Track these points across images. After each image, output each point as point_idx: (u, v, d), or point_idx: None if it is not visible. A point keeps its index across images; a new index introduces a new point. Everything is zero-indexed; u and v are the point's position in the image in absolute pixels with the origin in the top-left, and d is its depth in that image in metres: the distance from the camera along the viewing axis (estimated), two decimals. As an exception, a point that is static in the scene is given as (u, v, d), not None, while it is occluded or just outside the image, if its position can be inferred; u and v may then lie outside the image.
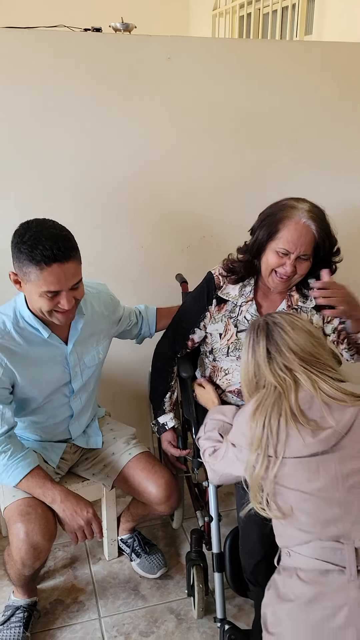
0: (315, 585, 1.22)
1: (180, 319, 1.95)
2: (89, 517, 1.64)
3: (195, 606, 1.88)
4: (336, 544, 1.23)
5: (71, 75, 2.02)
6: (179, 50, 2.09)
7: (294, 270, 1.72)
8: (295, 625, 1.22)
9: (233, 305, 1.85)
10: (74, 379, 1.77)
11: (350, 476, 1.26)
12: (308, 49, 2.32)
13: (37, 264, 1.47)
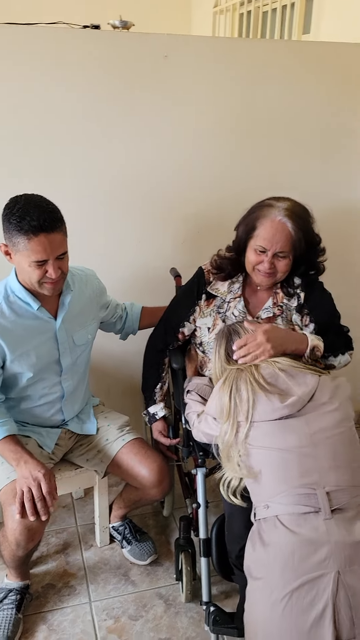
0: (296, 528, 1.35)
1: (171, 312, 2.00)
2: (38, 475, 1.61)
3: (183, 590, 1.94)
4: (309, 490, 1.38)
5: (70, 72, 2.06)
6: (176, 49, 2.13)
7: (272, 267, 1.75)
8: (282, 564, 1.32)
9: (221, 301, 1.90)
10: (63, 355, 1.83)
11: (316, 434, 1.44)
12: (305, 48, 2.36)
13: (25, 233, 1.56)
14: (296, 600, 1.26)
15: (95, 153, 2.20)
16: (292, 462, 1.41)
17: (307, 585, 1.27)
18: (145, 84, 2.15)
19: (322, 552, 1.30)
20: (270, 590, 1.31)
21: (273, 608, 1.28)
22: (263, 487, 1.44)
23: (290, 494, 1.38)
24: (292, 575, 1.29)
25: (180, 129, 2.27)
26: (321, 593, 1.26)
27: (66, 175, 2.19)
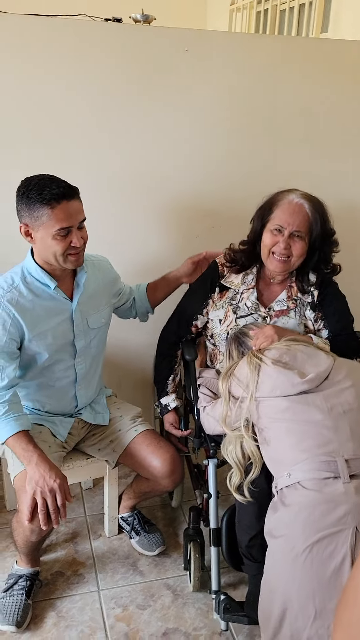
0: (317, 489, 1.44)
1: (185, 305, 2.02)
2: (54, 485, 1.60)
3: (191, 579, 1.95)
4: (329, 457, 1.47)
5: (91, 64, 2.08)
6: (196, 43, 2.14)
7: (288, 248, 1.77)
8: (303, 520, 1.40)
9: (234, 293, 1.91)
10: (77, 337, 1.85)
11: (334, 408, 1.54)
12: (323, 46, 2.37)
13: (48, 203, 1.60)
14: (316, 553, 1.33)
15: (114, 146, 2.21)
16: (312, 433, 1.51)
17: (327, 539, 1.34)
18: (166, 77, 2.17)
19: (340, 510, 1.37)
20: (292, 545, 1.37)
21: (294, 561, 1.35)
22: (284, 458, 1.53)
23: (312, 461, 1.47)
24: (313, 530, 1.36)
25: (199, 122, 2.28)
26: (340, 546, 1.32)
27: (83, 168, 2.20)
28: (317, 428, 1.52)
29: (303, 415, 1.54)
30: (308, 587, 1.32)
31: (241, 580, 2.02)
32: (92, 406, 2.02)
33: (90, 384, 1.98)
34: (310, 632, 1.29)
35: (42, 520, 1.60)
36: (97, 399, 2.05)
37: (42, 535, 1.74)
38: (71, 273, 1.83)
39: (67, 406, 1.95)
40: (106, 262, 2.01)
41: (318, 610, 1.30)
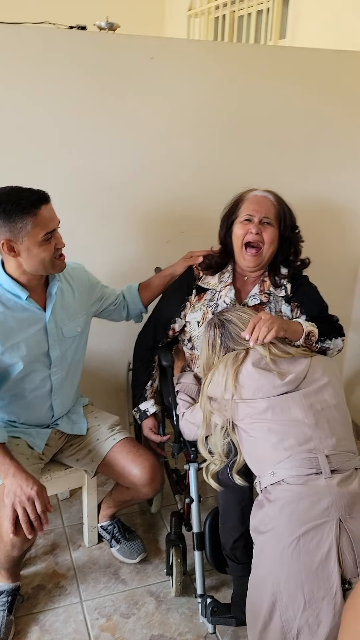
0: (301, 484, 1.48)
1: (162, 309, 2.02)
2: (31, 493, 1.59)
3: (174, 584, 1.96)
4: (310, 454, 1.52)
5: (55, 71, 2.06)
6: (161, 51, 2.15)
7: (259, 233, 1.83)
8: (288, 514, 1.44)
9: (213, 294, 1.93)
10: (52, 347, 1.83)
11: (313, 405, 1.59)
12: (284, 53, 2.42)
13: (29, 212, 1.61)
14: (303, 544, 1.38)
15: (81, 153, 2.20)
16: (293, 431, 1.55)
17: (313, 531, 1.39)
18: (131, 84, 2.17)
19: (324, 503, 1.42)
20: (279, 538, 1.42)
21: (283, 553, 1.38)
22: (267, 457, 1.57)
23: (294, 459, 1.52)
24: (299, 522, 1.41)
25: (165, 129, 2.29)
26: (325, 537, 1.38)
27: (49, 175, 2.18)
28: (298, 426, 1.56)
29: (284, 415, 1.58)
30: (297, 578, 1.35)
31: (223, 582, 2.04)
32: (69, 416, 2.00)
33: (66, 394, 1.96)
34: (300, 621, 1.33)
35: (25, 530, 1.58)
36: (73, 408, 2.04)
37: (24, 548, 1.71)
38: (43, 283, 1.81)
39: (43, 417, 1.93)
40: (81, 269, 1.99)
41: (307, 600, 1.33)
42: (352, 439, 1.64)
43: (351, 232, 2.77)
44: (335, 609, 1.32)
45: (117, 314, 2.12)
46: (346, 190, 2.66)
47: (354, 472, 1.54)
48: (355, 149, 2.59)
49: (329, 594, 1.33)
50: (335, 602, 1.32)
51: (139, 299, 2.12)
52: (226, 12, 4.05)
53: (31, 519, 1.59)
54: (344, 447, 1.57)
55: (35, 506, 1.59)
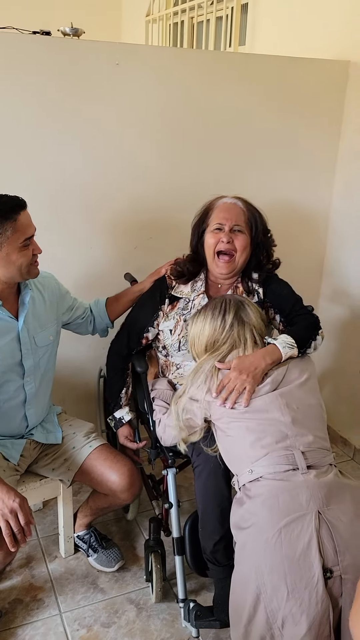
0: (280, 480, 1.52)
1: (135, 318, 2.02)
2: (14, 505, 1.56)
3: (154, 590, 1.95)
4: (287, 451, 1.55)
5: (20, 76, 2.04)
6: (127, 57, 2.16)
7: (231, 241, 1.84)
8: (269, 508, 1.47)
9: (186, 302, 1.94)
10: (25, 357, 1.81)
11: (290, 405, 1.62)
12: (246, 60, 2.47)
13: (9, 217, 1.62)
14: (285, 535, 1.40)
15: (47, 158, 2.18)
16: (271, 430, 1.58)
17: (293, 523, 1.42)
18: (96, 90, 2.17)
19: (302, 496, 1.46)
20: (261, 531, 1.44)
21: (265, 546, 1.41)
22: (245, 455, 1.59)
23: (272, 456, 1.55)
24: (280, 515, 1.43)
25: (131, 134, 2.29)
26: (306, 528, 1.40)
27: (16, 181, 2.15)
28: (275, 425, 1.59)
29: (261, 414, 1.61)
30: (279, 569, 1.38)
31: (202, 586, 2.05)
32: (44, 425, 1.98)
33: (40, 403, 1.94)
34: (285, 611, 1.35)
35: (9, 544, 1.55)
36: (48, 417, 2.01)
37: (6, 562, 1.69)
38: (15, 292, 1.79)
39: (18, 427, 1.90)
40: (52, 278, 1.98)
41: (290, 590, 1.35)
42: (326, 437, 1.68)
43: (315, 233, 2.83)
44: (317, 597, 1.35)
45: (83, 328, 2.12)
46: (307, 192, 2.72)
47: (329, 468, 1.58)
48: (314, 152, 2.66)
49: (310, 583, 1.36)
50: (317, 590, 1.35)
51: (106, 314, 2.12)
52: (185, 18, 4.09)
53: (14, 531, 1.56)
54: (319, 444, 1.60)
55: (18, 518, 1.56)
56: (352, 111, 2.58)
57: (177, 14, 4.14)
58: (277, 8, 3.06)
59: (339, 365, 2.86)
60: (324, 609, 1.35)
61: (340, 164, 2.70)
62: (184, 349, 1.94)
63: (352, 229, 2.68)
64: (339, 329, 2.81)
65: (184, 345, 1.94)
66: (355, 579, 1.38)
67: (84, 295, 2.40)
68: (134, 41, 4.79)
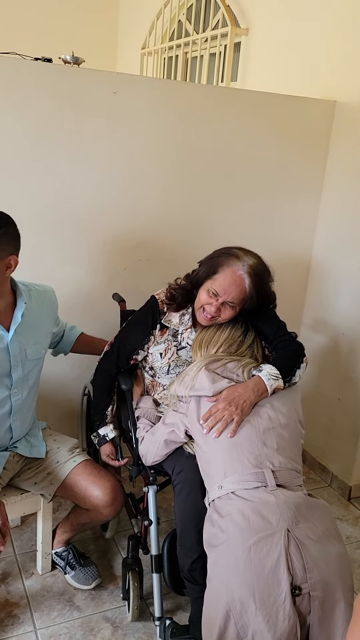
0: (248, 497, 1.56)
1: (125, 339, 2.03)
2: None
3: (131, 609, 1.96)
4: (257, 469, 1.60)
5: (20, 100, 2.11)
6: (124, 86, 2.25)
7: (218, 312, 1.86)
8: (239, 526, 1.50)
9: (174, 332, 1.98)
10: (14, 368, 1.84)
11: (262, 424, 1.69)
12: (238, 95, 2.58)
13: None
14: (254, 553, 1.44)
15: (40, 180, 2.25)
16: (244, 448, 1.64)
17: (263, 541, 1.45)
18: (94, 117, 2.25)
19: (272, 515, 1.50)
20: (231, 549, 1.48)
21: (236, 563, 1.44)
22: (216, 471, 1.64)
23: (242, 473, 1.60)
24: (249, 534, 1.47)
25: (124, 161, 2.37)
26: (275, 545, 1.44)
27: (9, 202, 2.20)
28: (248, 443, 1.64)
29: (238, 434, 1.67)
30: (249, 585, 1.41)
31: (178, 606, 2.06)
32: (28, 439, 2.00)
33: (25, 416, 1.96)
34: (254, 626, 1.38)
35: None
36: (32, 431, 2.03)
37: None
38: (11, 304, 1.83)
39: (2, 438, 1.91)
40: (52, 292, 2.01)
41: (258, 606, 1.39)
42: (299, 460, 1.71)
43: (298, 266, 2.92)
44: (285, 613, 1.38)
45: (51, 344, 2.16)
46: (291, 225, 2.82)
47: (298, 488, 1.63)
48: (300, 186, 2.76)
49: (278, 600, 1.39)
50: (284, 607, 1.38)
51: (72, 344, 2.19)
52: (179, 53, 4.24)
53: None
54: (290, 465, 1.65)
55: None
56: (337, 149, 2.70)
57: (172, 48, 4.29)
58: (269, 48, 3.21)
59: (318, 392, 2.92)
60: (292, 626, 1.38)
61: (324, 198, 2.81)
62: (173, 373, 1.99)
63: (332, 263, 2.78)
64: (318, 356, 2.88)
65: (173, 370, 1.98)
66: (323, 596, 1.42)
67: (72, 313, 2.45)
68: (129, 72, 4.94)
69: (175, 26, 4.35)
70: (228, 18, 3.45)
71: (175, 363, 1.98)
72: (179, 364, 1.98)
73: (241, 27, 3.42)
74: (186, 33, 4.13)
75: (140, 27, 4.76)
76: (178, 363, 1.98)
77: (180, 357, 1.97)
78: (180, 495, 1.78)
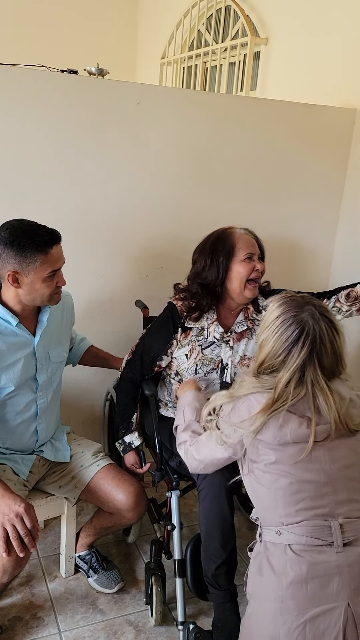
0: (309, 559, 1.38)
1: (148, 346, 2.04)
2: (19, 510, 1.60)
3: (153, 613, 1.97)
4: (324, 521, 1.40)
5: (48, 112, 2.16)
6: (148, 96, 2.29)
7: (263, 267, 1.99)
8: (295, 593, 1.35)
9: (199, 330, 2.00)
10: (40, 372, 1.89)
11: (335, 464, 1.44)
12: (259, 104, 2.61)
13: (42, 249, 1.70)
14: (309, 629, 1.32)
15: (66, 189, 2.29)
16: (308, 488, 1.42)
17: (321, 617, 1.33)
18: (118, 127, 2.29)
19: (333, 585, 1.36)
20: (284, 617, 1.35)
21: (288, 634, 1.33)
22: (275, 511, 1.45)
23: (306, 525, 1.40)
24: (306, 605, 1.34)
25: (147, 170, 2.41)
26: (333, 624, 1.33)
27: (35, 209, 2.24)
28: (314, 486, 1.42)
29: (301, 471, 1.43)
30: None
31: (200, 611, 2.07)
32: (53, 443, 2.03)
33: (50, 418, 2.00)
34: None
35: (17, 547, 1.58)
36: (57, 435, 2.06)
37: (15, 574, 1.72)
38: (35, 310, 1.87)
39: (28, 441, 1.95)
40: (69, 296, 2.07)
41: None
42: None
43: (318, 270, 2.93)
44: None
45: None
46: (313, 229, 2.84)
47: None
48: (321, 195, 2.78)
49: None
50: None
51: (80, 356, 2.24)
52: (198, 62, 4.28)
53: (21, 534, 1.59)
54: (359, 512, 1.46)
55: (24, 523, 1.60)
56: (357, 157, 2.71)
57: (191, 57, 4.33)
58: (288, 57, 3.24)
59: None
60: None
61: (344, 207, 2.82)
62: (200, 372, 2.00)
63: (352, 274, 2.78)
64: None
65: (200, 369, 1.99)
66: None
67: (95, 320, 2.49)
68: (148, 81, 5.00)
69: (194, 36, 4.39)
70: (247, 28, 3.49)
71: (202, 362, 1.99)
72: (205, 363, 1.99)
73: (260, 37, 3.46)
74: (205, 43, 4.18)
75: (159, 37, 4.82)
76: (205, 362, 1.99)
77: (206, 356, 1.99)
78: (205, 500, 1.79)
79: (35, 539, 1.62)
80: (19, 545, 1.59)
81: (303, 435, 1.42)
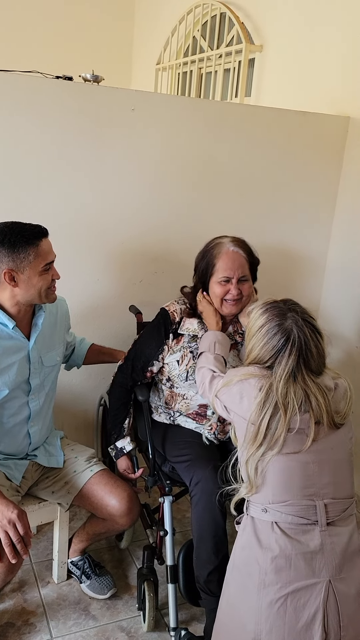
0: (294, 536, 1.44)
1: (139, 353, 2.06)
2: (12, 516, 1.60)
3: (146, 619, 1.97)
4: (309, 501, 1.46)
5: (42, 118, 2.17)
6: (142, 103, 2.30)
7: (239, 292, 1.94)
8: (279, 568, 1.41)
9: (190, 337, 2.01)
10: (33, 375, 1.89)
11: (323, 448, 1.50)
12: (253, 111, 2.62)
13: (32, 243, 1.73)
14: (290, 602, 1.38)
15: (61, 194, 2.30)
16: (296, 472, 1.47)
17: (302, 590, 1.39)
18: (113, 133, 2.30)
19: (316, 562, 1.42)
20: (267, 590, 1.41)
21: (269, 606, 1.39)
22: (264, 491, 1.49)
23: (292, 504, 1.45)
24: (288, 579, 1.40)
25: (142, 176, 2.42)
26: (314, 599, 1.38)
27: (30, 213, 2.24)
28: (301, 467, 1.47)
29: (293, 455, 1.48)
30: (279, 633, 1.37)
31: (192, 617, 2.06)
32: (46, 448, 2.03)
33: (43, 422, 2.00)
34: None
35: (9, 554, 1.58)
36: (50, 440, 2.06)
37: (7, 580, 1.72)
38: (30, 313, 1.88)
39: (21, 445, 1.95)
40: (63, 301, 2.08)
41: None
42: (352, 482, 1.56)
43: (311, 278, 2.95)
44: None
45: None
46: (305, 239, 2.85)
47: (350, 520, 1.51)
48: (314, 201, 2.80)
49: None
50: None
51: (84, 357, 2.24)
52: (193, 69, 4.30)
53: (14, 541, 1.59)
54: (344, 494, 1.51)
55: (17, 529, 1.60)
56: (350, 164, 2.73)
57: (186, 64, 4.36)
58: (283, 64, 3.26)
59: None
60: None
61: (338, 213, 2.84)
62: (191, 379, 2.00)
63: (346, 279, 2.80)
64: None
65: (191, 376, 2.00)
66: None
67: (89, 325, 2.49)
68: (143, 87, 5.02)
69: (189, 42, 4.42)
70: (242, 35, 3.51)
71: (193, 369, 1.99)
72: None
73: (255, 44, 3.48)
74: (200, 49, 4.20)
75: (154, 43, 4.84)
76: (195, 369, 2.00)
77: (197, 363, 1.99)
78: (197, 506, 1.79)
79: (27, 546, 1.62)
80: (12, 551, 1.59)
81: (295, 424, 1.47)
